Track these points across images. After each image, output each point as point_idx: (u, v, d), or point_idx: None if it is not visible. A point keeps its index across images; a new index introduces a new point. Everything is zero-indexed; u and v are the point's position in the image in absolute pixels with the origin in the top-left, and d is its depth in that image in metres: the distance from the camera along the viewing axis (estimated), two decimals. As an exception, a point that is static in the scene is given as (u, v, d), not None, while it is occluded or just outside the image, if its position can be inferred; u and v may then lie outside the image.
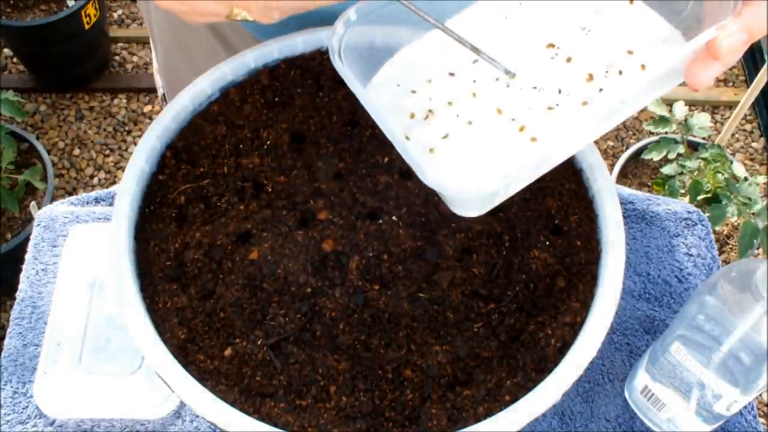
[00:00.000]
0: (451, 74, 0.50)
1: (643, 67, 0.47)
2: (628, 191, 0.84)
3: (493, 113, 0.48)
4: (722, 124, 1.89)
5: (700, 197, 1.30)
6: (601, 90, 0.47)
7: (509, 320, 0.54)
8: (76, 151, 1.84)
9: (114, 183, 1.80)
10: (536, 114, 0.47)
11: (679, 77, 0.47)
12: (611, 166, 1.67)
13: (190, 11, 0.50)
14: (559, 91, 0.48)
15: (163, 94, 0.89)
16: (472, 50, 0.48)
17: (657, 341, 0.65)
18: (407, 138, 0.49)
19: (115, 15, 2.05)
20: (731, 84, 1.97)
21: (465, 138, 0.48)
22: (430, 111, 0.49)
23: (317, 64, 0.63)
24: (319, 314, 0.53)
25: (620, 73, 0.47)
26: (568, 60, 0.49)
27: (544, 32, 0.50)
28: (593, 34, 0.50)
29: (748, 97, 1.41)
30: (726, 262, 1.55)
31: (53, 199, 1.60)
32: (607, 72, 0.48)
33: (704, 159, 1.32)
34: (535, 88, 0.48)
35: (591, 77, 0.48)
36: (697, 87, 0.45)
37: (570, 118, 0.47)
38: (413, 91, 0.51)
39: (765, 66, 1.33)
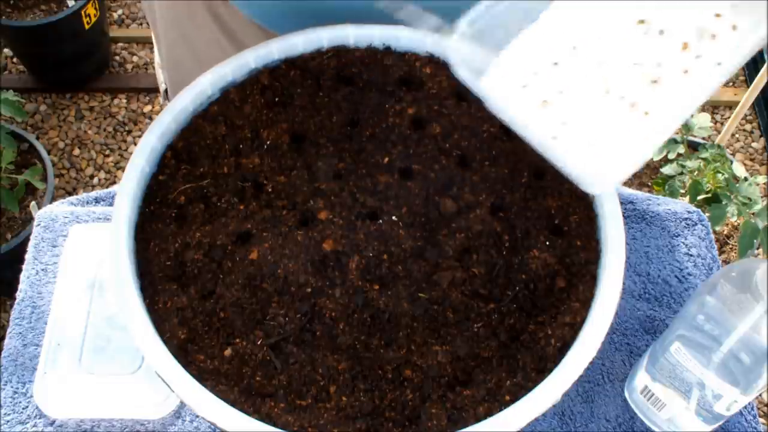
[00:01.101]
0: (555, 64, 0.52)
1: (733, 27, 0.49)
2: (628, 191, 0.84)
3: (603, 94, 0.50)
4: (722, 124, 1.88)
5: (700, 197, 1.30)
6: (698, 57, 0.49)
7: (509, 320, 0.54)
8: (76, 151, 1.84)
9: (114, 183, 1.80)
10: (643, 89, 0.50)
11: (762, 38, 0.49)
12: (611, 166, 1.67)
13: None
14: (659, 64, 0.50)
15: (165, 90, 0.89)
16: None
17: (657, 341, 0.65)
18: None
19: (115, 15, 2.05)
20: (731, 84, 1.97)
21: (584, 122, 0.50)
22: (545, 102, 0.51)
23: (317, 64, 0.63)
24: (319, 314, 0.53)
25: (713, 37, 0.50)
26: (661, 33, 0.51)
27: (633, 9, 0.52)
28: (680, 4, 0.52)
29: (748, 97, 1.41)
30: (726, 262, 1.54)
31: (53, 199, 1.60)
32: (700, 38, 0.50)
33: (704, 159, 1.32)
34: (635, 64, 0.50)
35: (686, 46, 0.50)
36: None
37: (675, 88, 0.49)
38: (524, 86, 0.53)
39: (765, 66, 1.33)
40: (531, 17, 0.53)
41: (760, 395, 1.07)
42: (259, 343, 0.52)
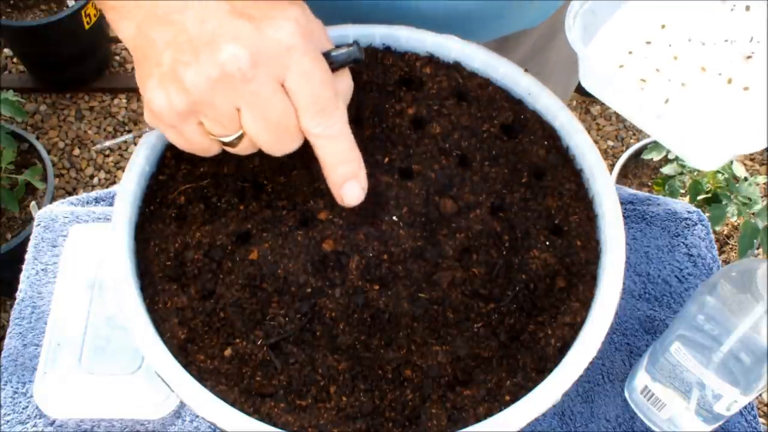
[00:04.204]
0: (648, 42, 0.53)
1: None
2: (628, 191, 0.85)
3: (699, 72, 0.51)
4: (722, 124, 1.88)
5: (700, 197, 1.30)
6: None
7: (509, 320, 0.54)
8: (76, 151, 1.84)
9: (114, 183, 1.80)
10: (738, 64, 0.51)
11: None
12: (611, 166, 1.67)
13: None
14: (751, 39, 0.51)
15: None
16: None
17: (657, 341, 0.65)
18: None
19: (115, 15, 2.04)
20: (731, 84, 1.97)
21: (686, 99, 0.51)
22: (643, 80, 0.52)
23: (317, 64, 0.63)
24: (319, 314, 0.53)
25: None
26: (747, 9, 0.52)
27: None
28: None
29: (748, 97, 1.41)
30: (726, 262, 1.55)
31: (53, 199, 1.60)
32: None
33: (704, 159, 1.32)
34: (726, 41, 0.52)
35: None
36: None
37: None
38: (621, 66, 0.53)
39: (765, 66, 1.33)
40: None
41: (760, 395, 1.07)
42: (259, 343, 0.52)
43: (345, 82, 0.52)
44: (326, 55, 0.50)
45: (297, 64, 0.48)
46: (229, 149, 0.52)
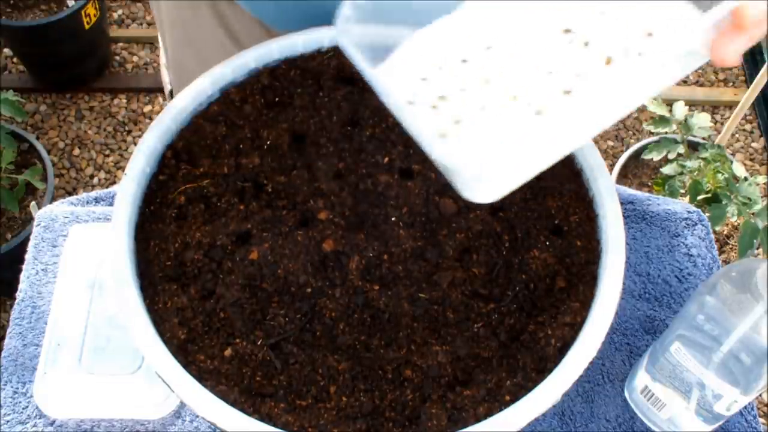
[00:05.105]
0: (464, 61, 0.50)
1: (662, 47, 0.47)
2: (628, 191, 0.84)
3: (508, 99, 0.48)
4: (722, 124, 1.88)
5: (700, 197, 1.30)
6: (620, 72, 0.47)
7: (509, 320, 0.54)
8: (76, 151, 1.84)
9: (114, 183, 1.80)
10: (553, 98, 0.47)
11: (701, 57, 0.46)
12: (611, 166, 1.67)
13: None
14: (577, 75, 0.47)
15: (171, 91, 0.89)
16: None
17: (657, 341, 0.65)
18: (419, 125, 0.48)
19: (115, 15, 2.04)
20: (731, 84, 1.97)
21: (478, 123, 0.47)
22: (442, 97, 0.49)
23: (317, 64, 0.63)
24: (319, 314, 0.53)
25: (639, 54, 0.47)
26: (586, 44, 0.49)
27: (561, 17, 0.50)
28: (611, 18, 0.49)
29: (748, 97, 1.41)
30: (726, 262, 1.54)
31: (53, 199, 1.60)
32: (625, 54, 0.47)
33: (704, 159, 1.32)
34: (551, 72, 0.48)
35: (609, 60, 0.47)
36: (725, 62, 0.44)
37: (588, 101, 0.46)
38: (424, 78, 0.50)
39: (765, 66, 1.33)
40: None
41: (760, 395, 1.07)
42: (259, 343, 0.52)
43: None
44: None
45: None
46: None
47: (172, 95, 0.89)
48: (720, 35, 0.44)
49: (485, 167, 0.44)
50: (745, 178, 1.29)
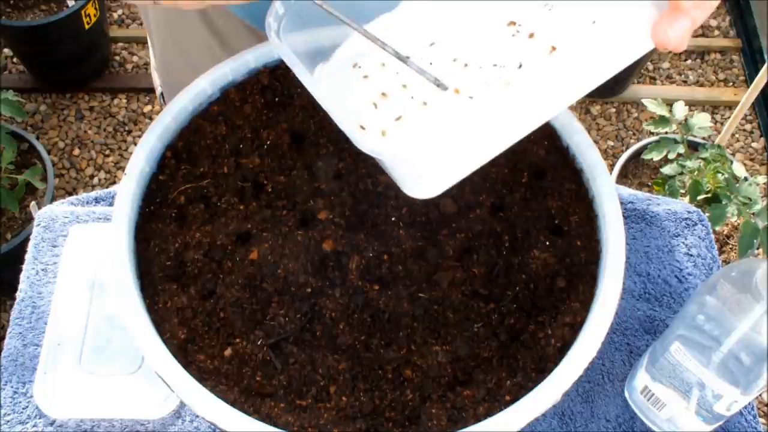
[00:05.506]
0: (407, 57, 0.49)
1: (604, 33, 0.46)
2: (628, 191, 0.84)
3: (450, 93, 0.47)
4: (722, 124, 1.88)
5: (700, 197, 1.30)
6: (563, 61, 0.46)
7: (509, 320, 0.54)
8: (76, 151, 1.84)
9: (114, 183, 1.80)
10: (494, 90, 0.46)
11: (646, 43, 0.45)
12: (611, 166, 1.67)
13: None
14: (520, 66, 0.46)
15: (161, 93, 0.89)
16: (397, 58, 0.47)
17: (657, 341, 0.65)
18: (362, 127, 0.48)
19: (115, 15, 2.05)
20: (731, 84, 1.97)
21: (419, 118, 0.47)
22: (384, 94, 0.48)
23: (317, 64, 0.63)
24: (319, 314, 0.53)
25: (583, 42, 0.46)
26: (531, 36, 0.48)
27: (506, 12, 0.50)
28: (556, 10, 0.49)
29: (748, 97, 1.41)
30: (726, 262, 1.54)
31: (53, 199, 1.60)
32: (568, 44, 0.46)
33: (704, 159, 1.32)
34: (495, 65, 0.47)
35: (553, 49, 0.46)
36: (666, 45, 0.43)
37: (527, 91, 0.45)
38: (365, 77, 0.50)
39: (765, 66, 1.33)
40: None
41: (760, 395, 1.07)
42: (259, 343, 0.52)
43: None
44: None
45: None
46: None
47: (163, 98, 0.89)
48: (660, 17, 0.43)
49: (425, 163, 0.44)
50: (745, 178, 1.29)
